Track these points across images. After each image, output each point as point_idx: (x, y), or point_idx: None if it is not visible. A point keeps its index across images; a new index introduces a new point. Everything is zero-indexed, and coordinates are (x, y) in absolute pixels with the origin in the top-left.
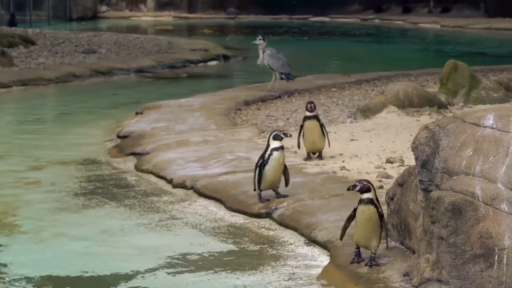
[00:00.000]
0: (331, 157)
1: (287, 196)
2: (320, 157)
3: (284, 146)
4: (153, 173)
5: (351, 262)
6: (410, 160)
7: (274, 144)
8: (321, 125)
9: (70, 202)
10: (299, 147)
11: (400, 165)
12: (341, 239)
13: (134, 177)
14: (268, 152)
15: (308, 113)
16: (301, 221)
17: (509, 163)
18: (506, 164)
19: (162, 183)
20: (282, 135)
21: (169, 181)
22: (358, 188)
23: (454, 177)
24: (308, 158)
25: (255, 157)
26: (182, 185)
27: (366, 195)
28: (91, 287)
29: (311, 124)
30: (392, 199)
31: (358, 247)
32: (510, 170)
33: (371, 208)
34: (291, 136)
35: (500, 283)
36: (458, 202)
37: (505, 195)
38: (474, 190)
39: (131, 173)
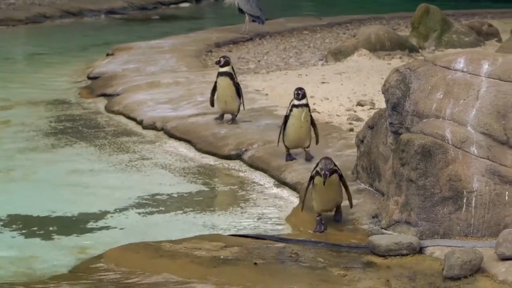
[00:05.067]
0: None
1: (313, 158)
2: (233, 120)
3: (303, 104)
4: (124, 114)
5: (314, 231)
6: (381, 103)
7: (295, 101)
8: (236, 84)
9: (40, 142)
10: (212, 105)
11: (370, 108)
12: (302, 210)
13: (104, 118)
14: (289, 108)
15: (221, 69)
16: (271, 163)
17: (479, 106)
18: (476, 108)
19: (132, 124)
20: (301, 93)
21: (139, 122)
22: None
23: (424, 120)
24: (221, 118)
25: None
26: (152, 127)
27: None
28: (60, 227)
29: (223, 81)
30: (362, 141)
31: (319, 215)
32: (480, 113)
33: (332, 176)
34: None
35: (469, 226)
36: (427, 145)
37: (474, 138)
38: (444, 133)
39: (101, 114)
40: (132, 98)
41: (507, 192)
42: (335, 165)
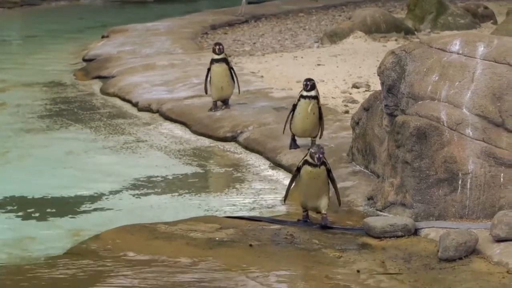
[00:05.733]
0: (298, 81)
1: None
2: (227, 105)
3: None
4: (119, 96)
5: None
6: (376, 85)
7: (303, 92)
8: (231, 69)
9: (35, 123)
10: (206, 92)
11: (366, 90)
12: (284, 201)
13: (100, 100)
14: (298, 97)
15: (216, 56)
16: (266, 145)
17: (475, 88)
18: (472, 90)
19: (127, 107)
20: (310, 85)
21: (135, 105)
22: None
23: (419, 102)
24: (215, 107)
25: None
26: (147, 109)
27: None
28: (55, 209)
29: (219, 68)
30: (357, 123)
31: (305, 210)
32: (476, 95)
33: (321, 168)
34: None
35: (464, 207)
36: (423, 127)
37: (470, 120)
38: (439, 115)
39: (97, 96)
40: (127, 80)
41: (502, 174)
42: (325, 158)
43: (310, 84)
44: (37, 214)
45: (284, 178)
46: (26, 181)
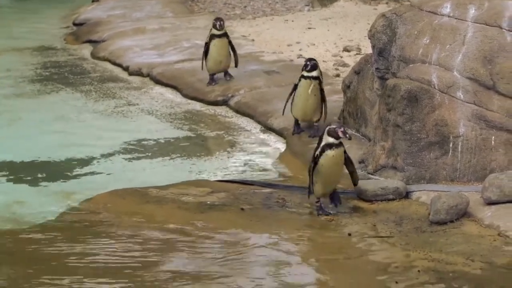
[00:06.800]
0: (288, 45)
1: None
2: (229, 75)
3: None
4: (109, 60)
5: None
6: (367, 48)
7: (304, 72)
8: (230, 43)
9: (26, 88)
10: (202, 68)
11: (357, 54)
12: (308, 197)
13: (90, 64)
14: (299, 77)
15: (217, 32)
16: (258, 109)
17: (466, 51)
18: (463, 53)
19: (118, 71)
20: (310, 65)
21: (125, 69)
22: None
23: (410, 65)
24: (213, 81)
25: None
26: (138, 73)
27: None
28: (47, 173)
29: (220, 42)
30: (348, 87)
31: (318, 200)
32: (466, 58)
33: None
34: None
35: (455, 170)
36: (414, 90)
37: (461, 83)
38: (430, 78)
39: (87, 60)
40: (117, 44)
41: (493, 137)
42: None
43: (310, 65)
44: (28, 178)
45: (276, 142)
46: (16, 146)
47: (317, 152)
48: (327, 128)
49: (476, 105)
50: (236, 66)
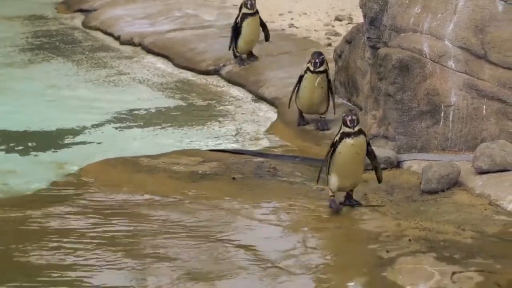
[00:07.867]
0: (280, 14)
1: (328, 129)
2: (253, 56)
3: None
4: (101, 30)
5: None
6: (359, 17)
7: (308, 64)
8: (261, 21)
9: (17, 57)
10: (229, 49)
11: (348, 23)
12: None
13: (82, 33)
14: (304, 69)
15: (248, 11)
16: (249, 78)
17: (457, 20)
18: (454, 22)
19: (109, 40)
20: (319, 62)
21: (117, 38)
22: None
23: (402, 34)
24: (242, 61)
25: (204, 14)
26: (129, 42)
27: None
28: (37, 142)
29: (254, 21)
30: (340, 56)
31: (333, 195)
32: (458, 27)
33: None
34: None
35: (446, 139)
36: (405, 59)
37: (452, 52)
38: (421, 47)
39: (79, 30)
40: (109, 13)
41: (484, 106)
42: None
43: (319, 62)
44: (19, 148)
45: (267, 111)
46: (7, 115)
47: (336, 138)
48: (343, 115)
49: (467, 74)
50: (267, 40)
